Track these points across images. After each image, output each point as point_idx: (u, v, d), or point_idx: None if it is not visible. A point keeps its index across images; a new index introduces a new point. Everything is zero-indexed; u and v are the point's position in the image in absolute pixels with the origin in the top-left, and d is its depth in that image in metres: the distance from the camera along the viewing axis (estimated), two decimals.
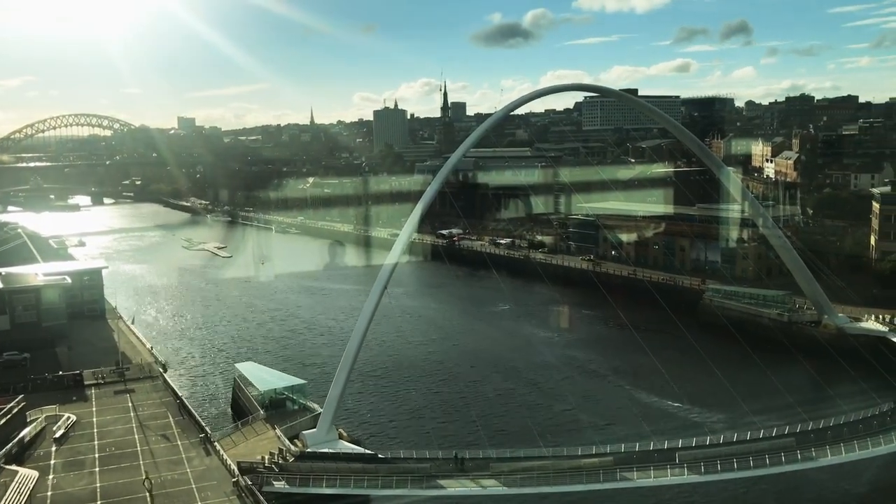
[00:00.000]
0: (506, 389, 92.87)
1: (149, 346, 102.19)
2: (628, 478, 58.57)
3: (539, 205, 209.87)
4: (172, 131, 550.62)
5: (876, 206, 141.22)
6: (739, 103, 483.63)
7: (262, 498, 55.79)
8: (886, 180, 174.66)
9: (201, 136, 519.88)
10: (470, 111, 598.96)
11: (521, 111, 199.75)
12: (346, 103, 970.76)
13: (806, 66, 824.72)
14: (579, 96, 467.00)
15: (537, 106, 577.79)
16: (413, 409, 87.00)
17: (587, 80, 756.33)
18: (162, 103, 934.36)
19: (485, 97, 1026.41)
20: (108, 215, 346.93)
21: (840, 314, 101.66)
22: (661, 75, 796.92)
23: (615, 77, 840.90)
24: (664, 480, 58.64)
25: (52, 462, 63.69)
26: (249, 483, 57.57)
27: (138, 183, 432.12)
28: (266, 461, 62.58)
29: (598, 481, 57.90)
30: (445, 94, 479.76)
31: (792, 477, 61.52)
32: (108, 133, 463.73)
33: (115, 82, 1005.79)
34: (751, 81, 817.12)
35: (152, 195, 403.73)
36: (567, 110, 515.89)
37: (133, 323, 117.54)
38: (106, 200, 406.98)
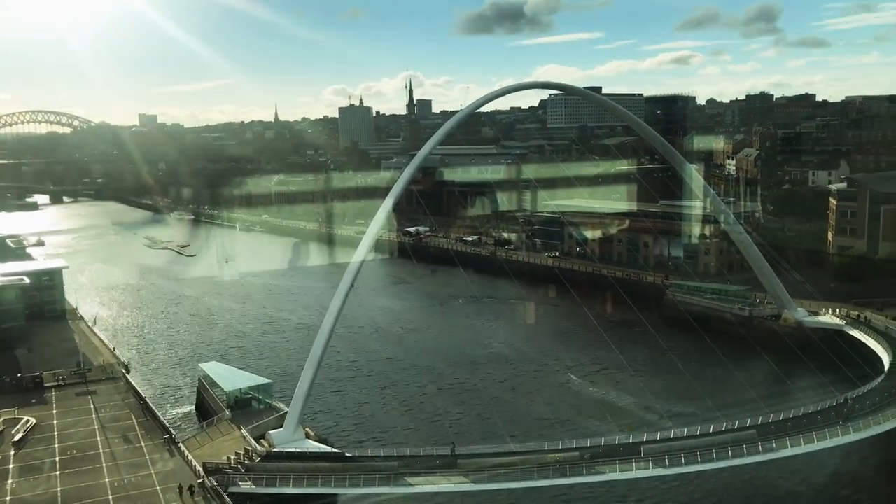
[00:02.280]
0: (472, 386, 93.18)
1: (111, 346, 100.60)
2: (594, 472, 59.20)
3: (505, 202, 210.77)
4: (134, 128, 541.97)
5: (833, 202, 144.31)
6: (701, 101, 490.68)
7: (227, 499, 55.33)
8: (843, 177, 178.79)
9: (163, 134, 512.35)
10: (453, 106, 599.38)
11: (486, 109, 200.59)
12: (318, 99, 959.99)
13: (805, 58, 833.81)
14: (544, 94, 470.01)
15: (503, 103, 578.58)
16: (379, 407, 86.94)
17: (580, 76, 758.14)
18: (123, 100, 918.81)
19: (466, 93, 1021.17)
20: (68, 214, 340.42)
21: (799, 308, 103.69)
22: (652, 69, 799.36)
23: (607, 70, 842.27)
24: (629, 474, 59.40)
25: (11, 467, 62.43)
26: (215, 484, 57.05)
27: (99, 181, 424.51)
28: (232, 462, 62.05)
29: (565, 476, 58.46)
30: (411, 92, 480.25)
31: (753, 468, 62.68)
32: (67, 130, 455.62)
33: (75, 78, 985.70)
34: (747, 75, 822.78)
35: (113, 193, 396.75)
36: (532, 108, 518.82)
37: (95, 324, 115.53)
38: (65, 199, 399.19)
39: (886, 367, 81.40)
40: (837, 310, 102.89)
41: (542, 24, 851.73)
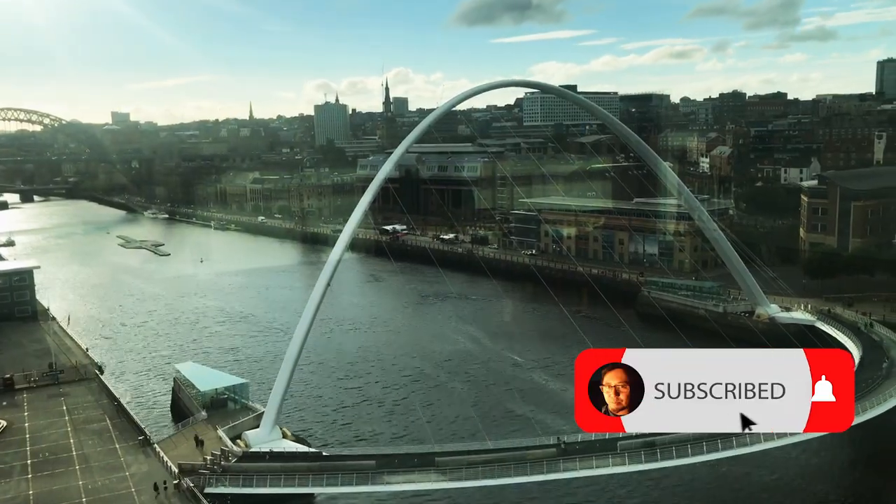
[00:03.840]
0: (449, 383, 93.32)
1: (84, 347, 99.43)
2: (571, 468, 59.50)
3: (482, 200, 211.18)
4: (106, 126, 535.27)
5: (804, 199, 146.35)
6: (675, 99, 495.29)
7: (203, 500, 54.97)
8: (814, 174, 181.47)
9: (137, 132, 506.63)
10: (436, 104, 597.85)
11: (463, 107, 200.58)
12: (299, 95, 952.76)
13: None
14: (520, 92, 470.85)
15: (479, 102, 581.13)
16: (354, 406, 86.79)
17: (576, 72, 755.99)
18: (95, 97, 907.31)
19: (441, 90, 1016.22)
20: (39, 213, 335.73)
21: (772, 304, 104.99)
22: (650, 65, 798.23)
23: (601, 65, 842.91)
24: (606, 470, 59.74)
25: None
26: (191, 485, 56.65)
27: (71, 180, 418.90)
28: (208, 462, 61.61)
29: (542, 472, 58.72)
30: (387, 89, 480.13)
31: (727, 463, 63.47)
32: (37, 128, 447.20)
33: (46, 75, 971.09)
34: (744, 70, 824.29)
35: (86, 192, 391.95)
36: (508, 106, 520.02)
37: (68, 324, 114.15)
38: (36, 198, 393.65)
39: (857, 361, 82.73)
40: (809, 305, 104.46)
41: (553, 13, 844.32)
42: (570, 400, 62.75)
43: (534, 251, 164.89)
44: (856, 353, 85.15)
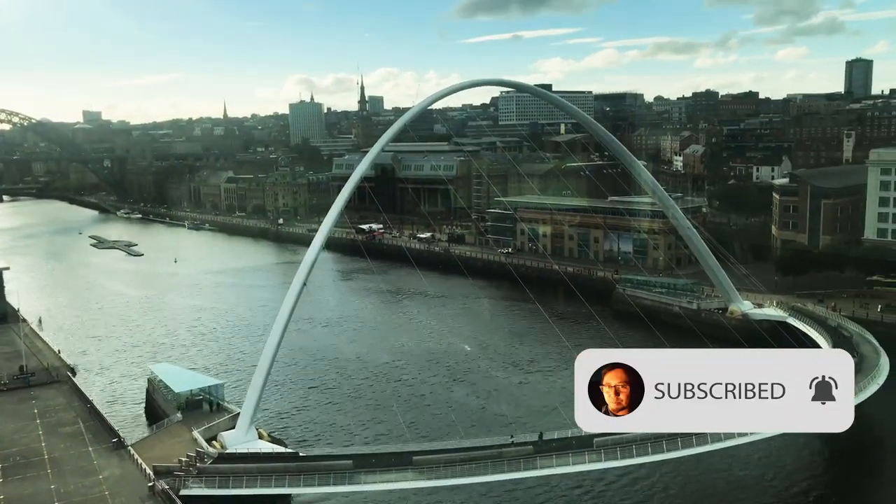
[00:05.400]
0: (425, 382, 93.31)
1: (56, 349, 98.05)
2: (548, 465, 59.83)
3: (458, 199, 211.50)
4: (78, 125, 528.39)
5: (776, 196, 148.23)
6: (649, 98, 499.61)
7: (179, 502, 54.52)
8: (785, 173, 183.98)
9: (109, 130, 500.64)
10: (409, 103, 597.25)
11: (438, 106, 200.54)
12: (279, 94, 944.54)
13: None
14: (495, 91, 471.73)
15: (454, 100, 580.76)
16: (330, 405, 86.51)
17: (571, 69, 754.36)
18: (66, 96, 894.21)
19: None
20: (8, 213, 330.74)
21: (745, 301, 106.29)
22: (648, 62, 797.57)
23: (596, 62, 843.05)
24: (582, 466, 60.13)
25: None
26: (166, 487, 56.15)
27: (42, 179, 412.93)
28: (183, 464, 61.09)
29: (519, 470, 58.98)
30: (362, 88, 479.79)
31: (697, 459, 64.15)
32: (6, 127, 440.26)
33: (14, 73, 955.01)
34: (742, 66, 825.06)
35: (57, 192, 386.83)
36: (484, 105, 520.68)
37: (40, 325, 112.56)
38: (5, 198, 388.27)
39: None
40: (781, 302, 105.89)
41: (574, 5, 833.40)
42: (549, 396, 63.46)
43: (510, 249, 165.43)
44: (826, 347, 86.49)
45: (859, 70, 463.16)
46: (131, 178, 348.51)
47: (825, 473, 67.81)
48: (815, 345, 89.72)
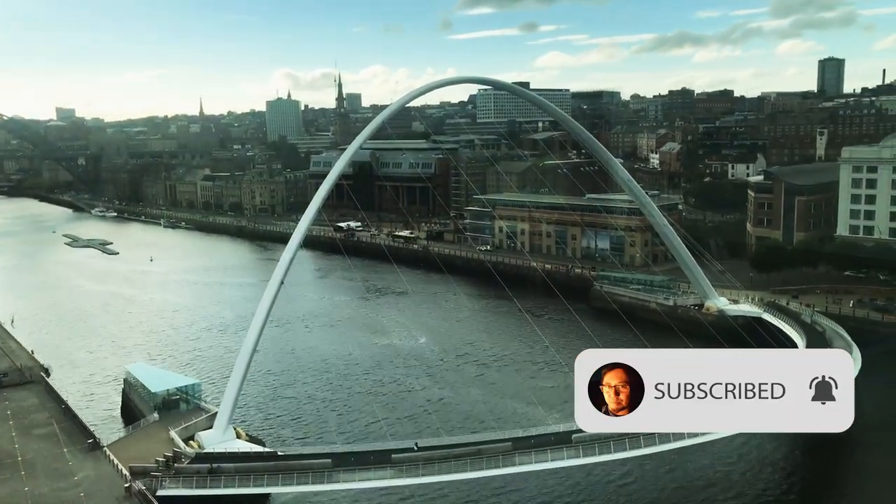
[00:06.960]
0: (402, 380, 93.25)
1: (29, 349, 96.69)
2: (527, 461, 60.05)
3: (437, 196, 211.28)
4: (51, 122, 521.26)
5: (751, 194, 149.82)
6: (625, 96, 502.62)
7: (156, 502, 54.09)
8: (760, 170, 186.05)
9: (83, 128, 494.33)
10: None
11: (416, 103, 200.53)
12: (263, 91, 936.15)
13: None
14: (473, 88, 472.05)
15: (432, 98, 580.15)
16: (309, 404, 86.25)
17: (574, 62, 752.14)
18: (38, 93, 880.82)
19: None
20: None
21: (721, 297, 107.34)
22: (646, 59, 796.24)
23: (594, 59, 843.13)
24: (561, 463, 60.42)
25: None
26: (143, 488, 55.67)
27: (14, 177, 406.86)
28: (160, 464, 60.60)
29: (498, 466, 59.16)
30: (340, 86, 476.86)
31: (677, 454, 64.78)
32: None
33: None
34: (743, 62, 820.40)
35: (30, 190, 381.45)
36: (462, 102, 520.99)
37: (12, 326, 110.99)
38: None
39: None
40: (756, 298, 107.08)
41: None
42: (530, 393, 63.62)
43: (488, 247, 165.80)
44: (801, 342, 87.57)
45: (832, 69, 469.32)
46: (106, 175, 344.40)
47: (796, 468, 68.71)
48: (790, 340, 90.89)
